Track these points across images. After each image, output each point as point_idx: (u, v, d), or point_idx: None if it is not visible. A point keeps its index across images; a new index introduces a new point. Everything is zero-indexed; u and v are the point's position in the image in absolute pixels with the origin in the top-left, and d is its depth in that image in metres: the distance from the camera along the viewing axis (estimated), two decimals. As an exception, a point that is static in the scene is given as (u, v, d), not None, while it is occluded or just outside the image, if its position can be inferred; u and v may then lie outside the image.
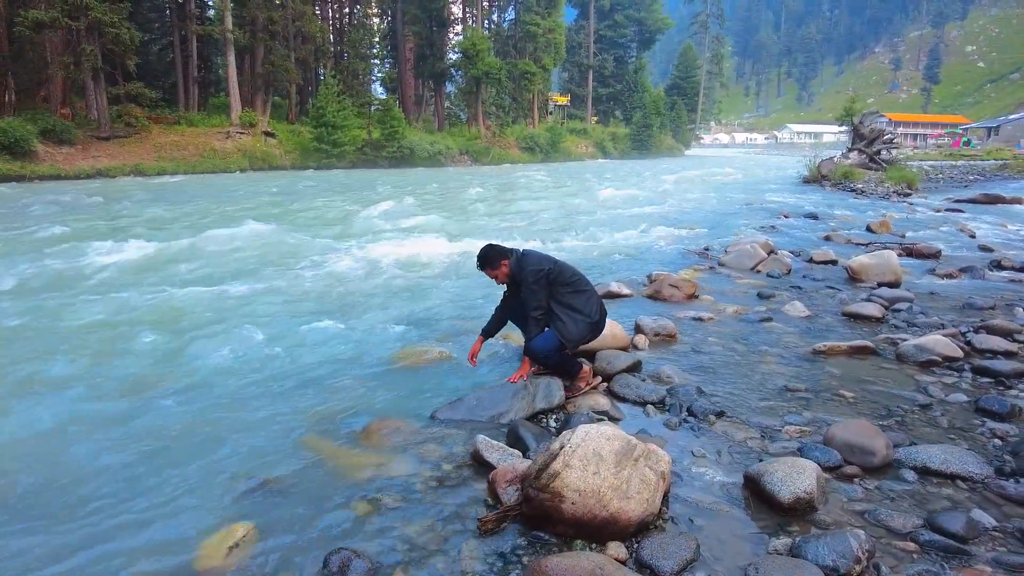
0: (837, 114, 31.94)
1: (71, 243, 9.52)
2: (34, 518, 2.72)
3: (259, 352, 4.77)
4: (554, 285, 3.88)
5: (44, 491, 2.93)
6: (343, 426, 3.55)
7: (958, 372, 4.35)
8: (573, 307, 3.87)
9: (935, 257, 9.00)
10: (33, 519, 2.71)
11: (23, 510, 2.78)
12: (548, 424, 3.58)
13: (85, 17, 26.21)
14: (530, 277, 3.84)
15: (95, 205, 15.73)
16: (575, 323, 3.84)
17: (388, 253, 9.13)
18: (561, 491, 2.41)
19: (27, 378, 4.26)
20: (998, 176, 29.09)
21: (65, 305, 6.06)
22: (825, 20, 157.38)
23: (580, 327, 3.86)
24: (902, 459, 3.05)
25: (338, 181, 26.01)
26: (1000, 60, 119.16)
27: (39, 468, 3.12)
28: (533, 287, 3.83)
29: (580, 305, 3.88)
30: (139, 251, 8.74)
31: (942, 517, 2.55)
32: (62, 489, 2.94)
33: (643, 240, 10.55)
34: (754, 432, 3.40)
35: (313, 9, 42.01)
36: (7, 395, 3.96)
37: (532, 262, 3.91)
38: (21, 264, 7.97)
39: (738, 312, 5.86)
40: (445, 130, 48.88)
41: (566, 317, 3.84)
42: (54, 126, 26.15)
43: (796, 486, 2.62)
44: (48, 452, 3.28)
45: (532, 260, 3.93)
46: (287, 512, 2.74)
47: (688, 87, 77.61)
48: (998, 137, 66.02)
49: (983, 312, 5.97)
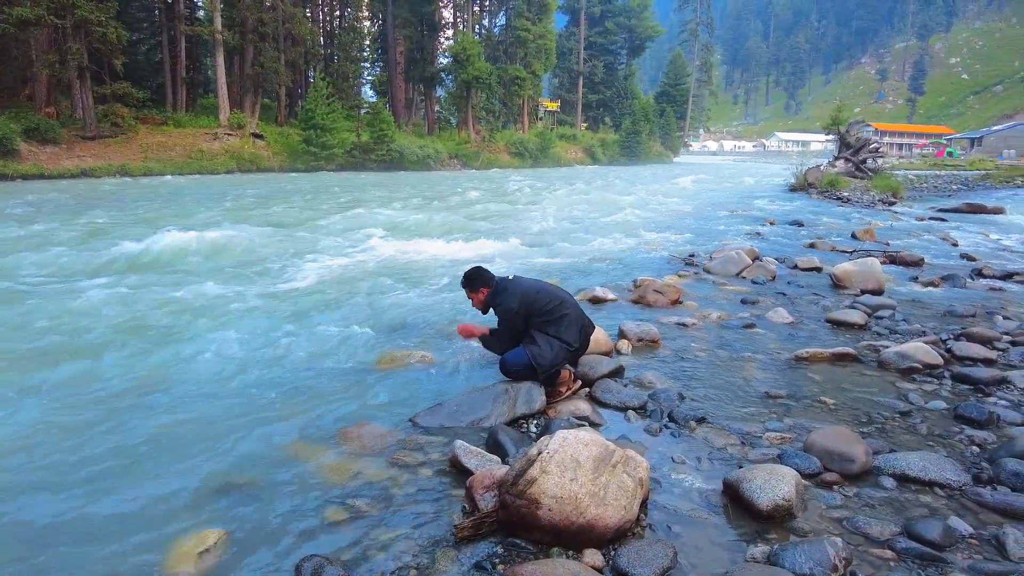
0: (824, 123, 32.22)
1: (42, 244, 9.39)
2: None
3: (237, 355, 4.70)
4: (530, 317, 3.92)
5: (10, 494, 2.85)
6: (321, 430, 3.50)
7: (938, 379, 4.37)
8: (549, 334, 3.86)
9: (918, 265, 9.08)
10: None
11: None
12: (529, 429, 3.56)
13: (71, 15, 25.96)
14: (500, 315, 4.01)
15: (69, 205, 15.54)
16: (551, 348, 3.81)
17: (372, 256, 9.08)
18: (538, 497, 2.38)
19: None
20: (980, 186, 29.48)
21: (34, 307, 5.95)
22: (813, 30, 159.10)
23: (556, 353, 3.81)
24: (881, 466, 3.05)
25: (325, 183, 25.89)
26: (983, 72, 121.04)
27: (5, 472, 3.05)
28: (502, 325, 4.02)
29: (556, 332, 3.86)
30: (114, 253, 8.61)
31: (919, 524, 2.54)
32: (29, 492, 2.87)
33: (629, 245, 10.56)
34: (735, 438, 3.39)
35: (304, 11, 41.91)
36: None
37: (507, 298, 3.94)
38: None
39: (722, 318, 5.87)
40: (435, 134, 48.88)
41: (542, 341, 3.83)
42: (38, 125, 25.85)
43: (775, 493, 2.61)
44: (15, 455, 3.20)
45: (508, 296, 3.95)
46: (260, 518, 2.69)
47: (677, 94, 78.20)
48: (981, 148, 66.98)
49: (964, 320, 6.02)
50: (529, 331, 3.92)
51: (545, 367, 3.79)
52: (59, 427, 3.51)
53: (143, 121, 31.18)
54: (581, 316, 4.06)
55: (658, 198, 21.09)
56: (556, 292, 4.06)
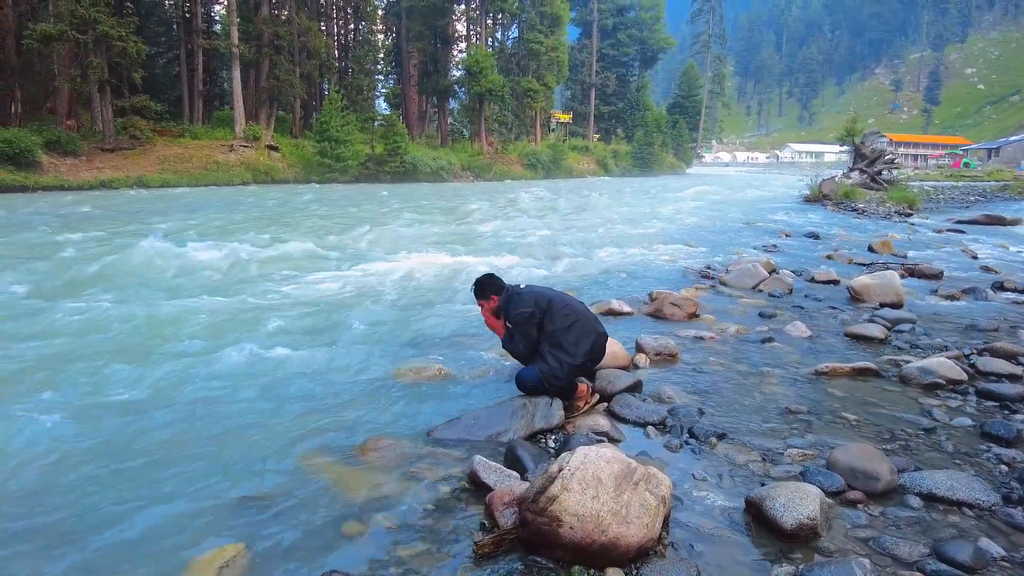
0: (838, 134, 32.10)
1: (60, 253, 9.52)
2: (18, 535, 2.66)
3: (255, 368, 4.72)
4: (544, 325, 3.87)
5: (30, 508, 2.87)
6: (339, 444, 3.50)
7: (962, 395, 4.29)
8: (562, 347, 3.83)
9: (937, 278, 8.97)
10: (18, 536, 2.65)
11: (7, 526, 2.72)
12: (547, 444, 3.53)
13: (93, 31, 26.51)
14: (514, 319, 3.92)
15: (85, 215, 15.76)
16: (560, 365, 3.78)
17: (388, 268, 9.12)
18: (559, 515, 2.36)
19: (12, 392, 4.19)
20: (999, 197, 29.14)
21: (54, 318, 6.02)
22: (826, 41, 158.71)
23: (566, 370, 3.79)
24: (907, 485, 2.99)
25: (340, 195, 26.09)
26: (1000, 82, 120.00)
27: (25, 484, 3.06)
28: (519, 333, 3.92)
29: (568, 346, 3.83)
30: (134, 263, 8.72)
31: (949, 546, 2.49)
32: (48, 506, 2.89)
33: (644, 258, 10.53)
34: (756, 455, 3.35)
35: (319, 25, 42.48)
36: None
37: (521, 302, 3.90)
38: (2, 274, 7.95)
39: (739, 332, 5.82)
40: (448, 146, 49.18)
41: (551, 358, 3.80)
42: (59, 137, 26.35)
43: (799, 512, 2.56)
44: (34, 469, 3.21)
45: (521, 301, 3.91)
46: (279, 532, 2.68)
47: (690, 106, 78.24)
48: (999, 158, 66.32)
49: (987, 334, 5.92)
50: (541, 342, 3.90)
51: (558, 384, 3.79)
52: (71, 442, 3.51)
53: (160, 133, 31.69)
54: (594, 324, 4.02)
55: (672, 209, 21.05)
56: (568, 300, 4.05)
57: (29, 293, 7.11)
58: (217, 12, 41.52)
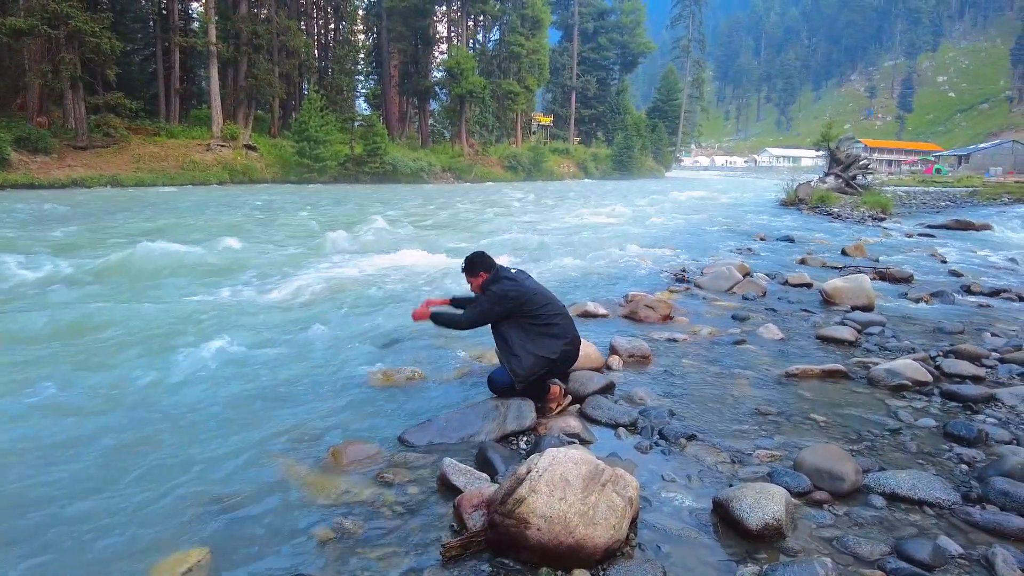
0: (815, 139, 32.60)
1: (28, 252, 9.31)
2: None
3: (226, 370, 4.66)
4: (520, 315, 3.83)
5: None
6: (309, 447, 3.46)
7: (928, 396, 4.38)
8: (533, 341, 3.79)
9: (907, 281, 9.14)
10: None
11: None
12: (519, 446, 3.53)
13: (65, 26, 25.99)
14: (490, 294, 3.85)
15: (58, 215, 15.45)
16: (529, 358, 3.74)
17: (363, 269, 9.05)
18: (527, 517, 2.36)
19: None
20: (968, 203, 29.80)
21: (16, 318, 5.88)
22: (803, 47, 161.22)
23: (534, 364, 3.75)
24: (871, 485, 3.04)
25: (317, 195, 25.87)
26: (970, 90, 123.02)
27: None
28: (486, 302, 3.85)
29: (542, 341, 3.80)
30: (102, 263, 8.56)
31: (909, 545, 2.54)
32: (3, 508, 2.82)
33: (620, 260, 10.59)
34: (725, 456, 3.38)
35: (298, 24, 42.11)
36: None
37: (506, 285, 3.85)
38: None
39: (712, 334, 5.87)
40: (429, 147, 49.06)
41: (521, 351, 3.76)
42: (29, 134, 25.80)
43: (765, 513, 2.59)
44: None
45: (507, 284, 3.86)
46: (245, 536, 2.65)
47: (670, 110, 78.98)
48: (968, 165, 67.89)
49: (952, 336, 6.06)
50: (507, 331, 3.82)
51: (523, 377, 3.75)
52: (30, 444, 3.44)
53: (136, 132, 31.18)
54: (572, 327, 4.01)
55: (649, 212, 21.20)
56: (552, 297, 4.01)
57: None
58: (195, 9, 40.99)
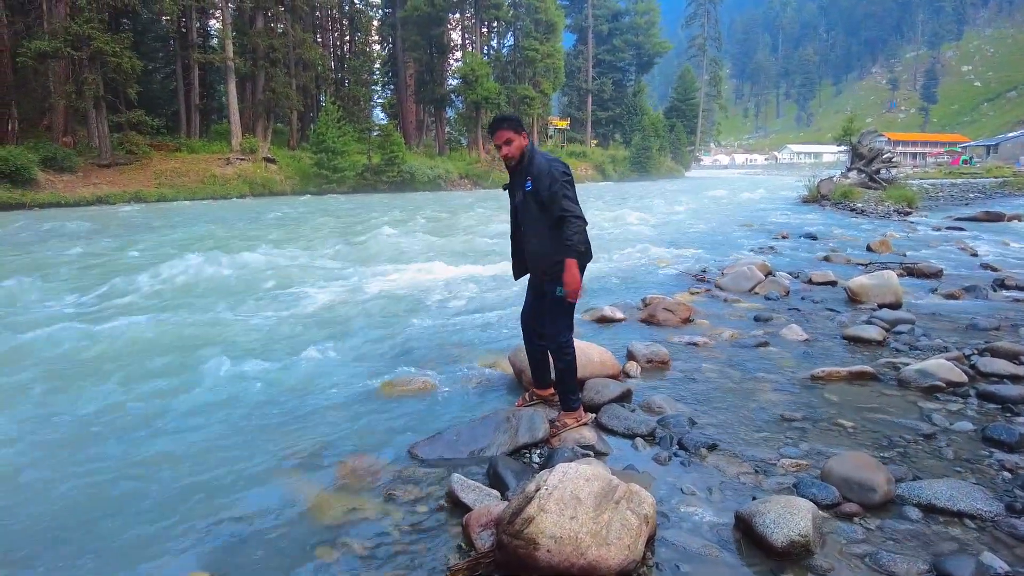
0: (836, 134, 32.05)
1: (38, 271, 9.42)
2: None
3: (234, 384, 4.60)
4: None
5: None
6: (317, 463, 3.38)
7: (963, 398, 4.15)
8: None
9: (936, 277, 8.84)
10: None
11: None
12: (531, 459, 3.40)
13: (87, 47, 26.56)
14: (559, 169, 3.34)
15: (81, 232, 15.70)
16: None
17: (375, 279, 9.00)
18: (536, 538, 2.24)
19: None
20: (998, 193, 29.02)
21: (27, 335, 5.90)
22: (822, 42, 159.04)
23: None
24: (905, 495, 2.86)
25: (336, 206, 26.03)
26: (996, 79, 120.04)
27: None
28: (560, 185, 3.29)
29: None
30: (117, 279, 8.61)
31: (949, 562, 2.36)
32: (6, 529, 2.77)
33: (639, 262, 10.41)
34: (748, 466, 3.22)
35: (314, 37, 42.61)
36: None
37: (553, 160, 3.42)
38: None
39: (734, 337, 5.69)
40: (446, 155, 49.23)
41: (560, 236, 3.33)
42: (55, 154, 26.37)
43: (790, 528, 2.44)
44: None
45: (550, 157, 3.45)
46: (249, 558, 2.57)
47: (687, 109, 78.33)
48: (997, 155, 66.18)
49: (987, 333, 5.79)
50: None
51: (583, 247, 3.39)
52: (35, 462, 3.40)
53: (157, 148, 31.73)
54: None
55: (668, 212, 20.94)
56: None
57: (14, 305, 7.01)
58: (213, 26, 41.66)
